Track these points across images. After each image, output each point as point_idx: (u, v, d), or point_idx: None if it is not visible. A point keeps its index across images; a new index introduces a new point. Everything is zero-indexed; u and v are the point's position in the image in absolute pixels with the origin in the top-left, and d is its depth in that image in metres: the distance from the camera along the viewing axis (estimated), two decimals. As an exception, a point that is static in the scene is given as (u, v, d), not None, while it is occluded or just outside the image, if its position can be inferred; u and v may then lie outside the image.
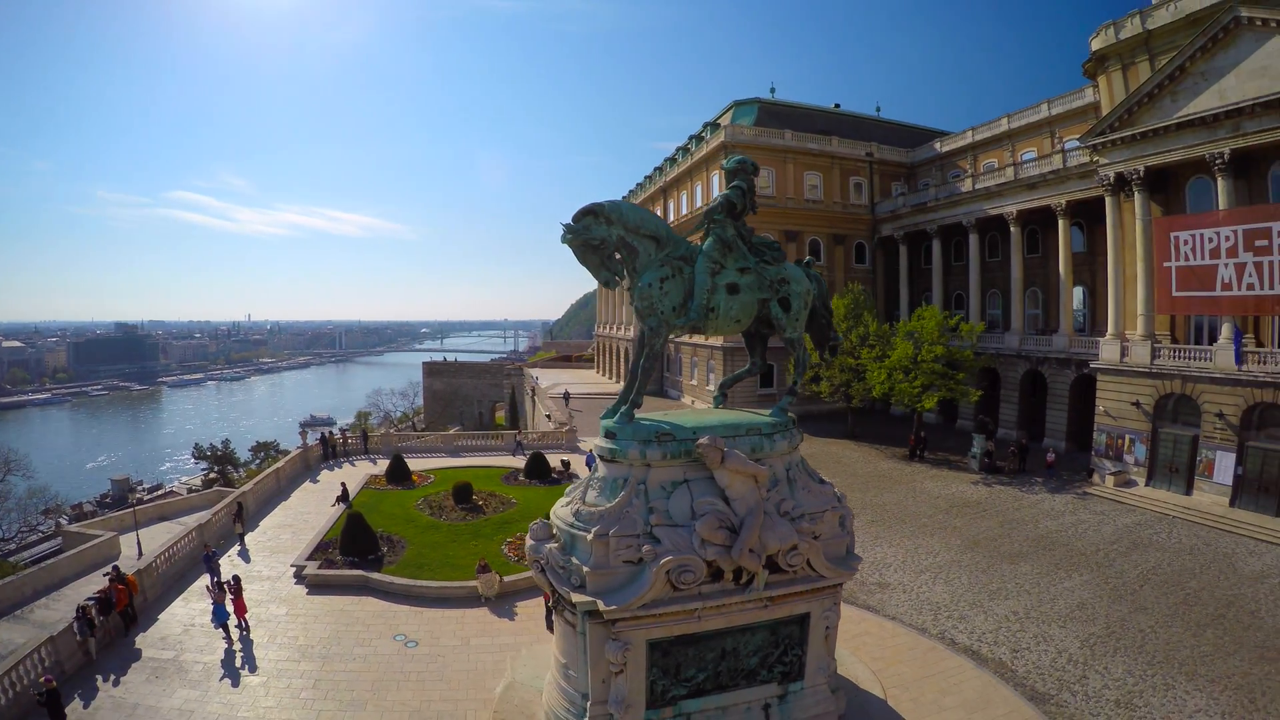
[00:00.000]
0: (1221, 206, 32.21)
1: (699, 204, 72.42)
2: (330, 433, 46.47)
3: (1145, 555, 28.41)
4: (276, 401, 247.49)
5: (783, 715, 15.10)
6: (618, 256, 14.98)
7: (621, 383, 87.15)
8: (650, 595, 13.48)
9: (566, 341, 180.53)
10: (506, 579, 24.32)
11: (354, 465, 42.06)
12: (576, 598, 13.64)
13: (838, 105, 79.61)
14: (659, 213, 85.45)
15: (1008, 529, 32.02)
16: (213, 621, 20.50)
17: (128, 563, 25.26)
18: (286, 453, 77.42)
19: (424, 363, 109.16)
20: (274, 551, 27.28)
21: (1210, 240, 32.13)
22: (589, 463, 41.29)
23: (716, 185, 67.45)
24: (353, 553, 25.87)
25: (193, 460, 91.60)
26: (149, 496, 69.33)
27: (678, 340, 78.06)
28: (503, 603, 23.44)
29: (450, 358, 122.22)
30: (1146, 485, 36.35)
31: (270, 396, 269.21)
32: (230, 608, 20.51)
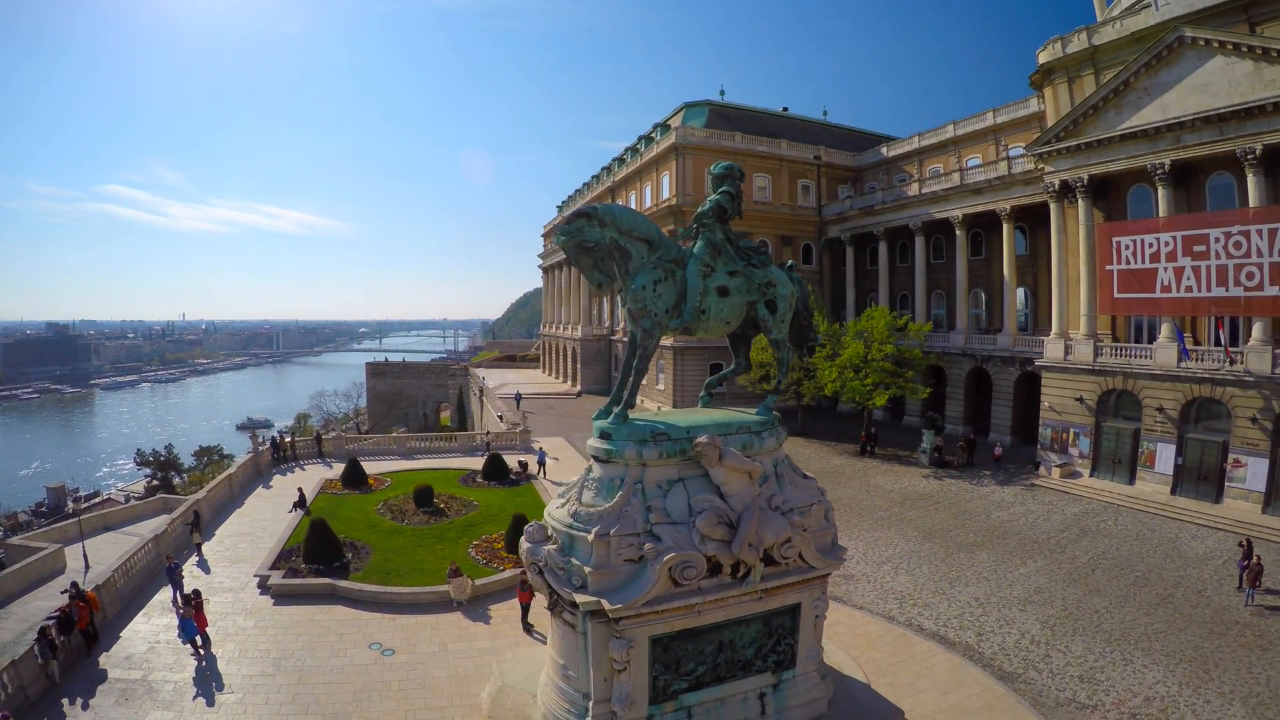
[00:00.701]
0: (1162, 214, 34.41)
1: (648, 203, 73.13)
2: (281, 436, 44.87)
3: (1094, 541, 30.14)
4: (213, 404, 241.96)
5: (777, 703, 15.50)
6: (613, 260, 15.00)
7: (568, 382, 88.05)
8: (654, 592, 13.67)
9: (509, 341, 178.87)
10: (478, 582, 24.12)
11: (304, 470, 40.86)
12: (580, 598, 13.64)
13: (785, 109, 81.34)
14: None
15: (962, 520, 33.38)
16: (180, 638, 19.59)
17: (75, 576, 24.00)
18: (231, 458, 74.54)
19: (367, 363, 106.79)
20: (234, 561, 26.23)
21: (1151, 245, 34.15)
22: (540, 460, 41.99)
23: (667, 185, 68.23)
24: (317, 560, 25.13)
25: (134, 465, 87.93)
26: (87, 505, 65.84)
27: (625, 339, 78.10)
28: (475, 606, 23.25)
29: (390, 358, 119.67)
30: (1091, 476, 38.45)
31: (206, 399, 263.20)
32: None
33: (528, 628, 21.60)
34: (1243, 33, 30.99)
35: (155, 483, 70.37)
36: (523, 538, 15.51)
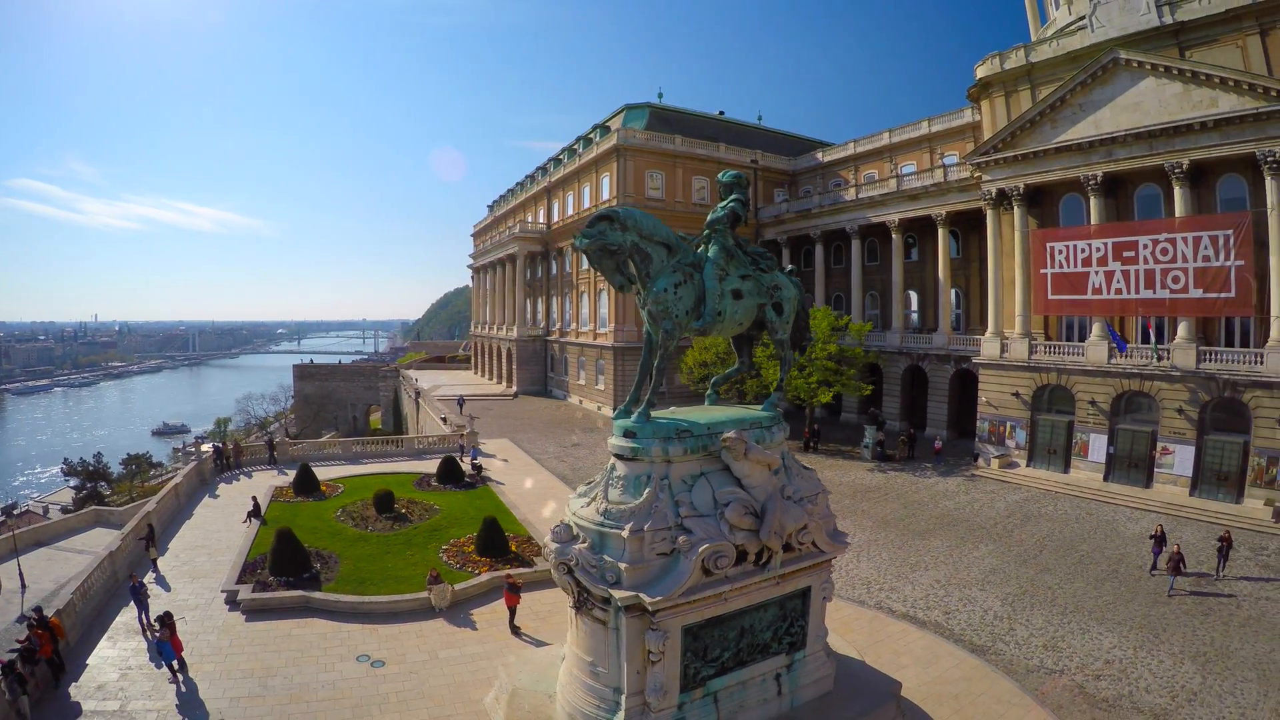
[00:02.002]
0: (1093, 222, 37.75)
1: (587, 204, 73.61)
2: (225, 442, 42.81)
3: (1038, 526, 32.86)
4: (129, 408, 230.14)
5: (791, 682, 16.34)
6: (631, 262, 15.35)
7: (503, 383, 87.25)
8: (689, 582, 14.18)
9: (434, 342, 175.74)
10: (456, 587, 24.01)
11: (250, 477, 39.18)
12: (618, 593, 13.98)
13: (722, 112, 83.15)
14: (543, 213, 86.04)
15: (911, 510, 35.55)
16: (154, 662, 18.53)
17: (10, 598, 22.25)
18: (161, 465, 70.35)
19: (295, 365, 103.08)
20: (194, 576, 24.94)
21: (1083, 251, 37.23)
22: (474, 457, 42.94)
23: (607, 186, 68.76)
24: (285, 572, 24.22)
25: (58, 474, 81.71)
26: (6, 518, 60.36)
27: (563, 340, 78.81)
28: (456, 612, 23.14)
29: (315, 359, 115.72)
30: (1028, 466, 41.65)
31: (122, 403, 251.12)
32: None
33: (515, 630, 21.66)
34: (1173, 56, 34.65)
35: (83, 493, 65.64)
36: (548, 538, 15.66)
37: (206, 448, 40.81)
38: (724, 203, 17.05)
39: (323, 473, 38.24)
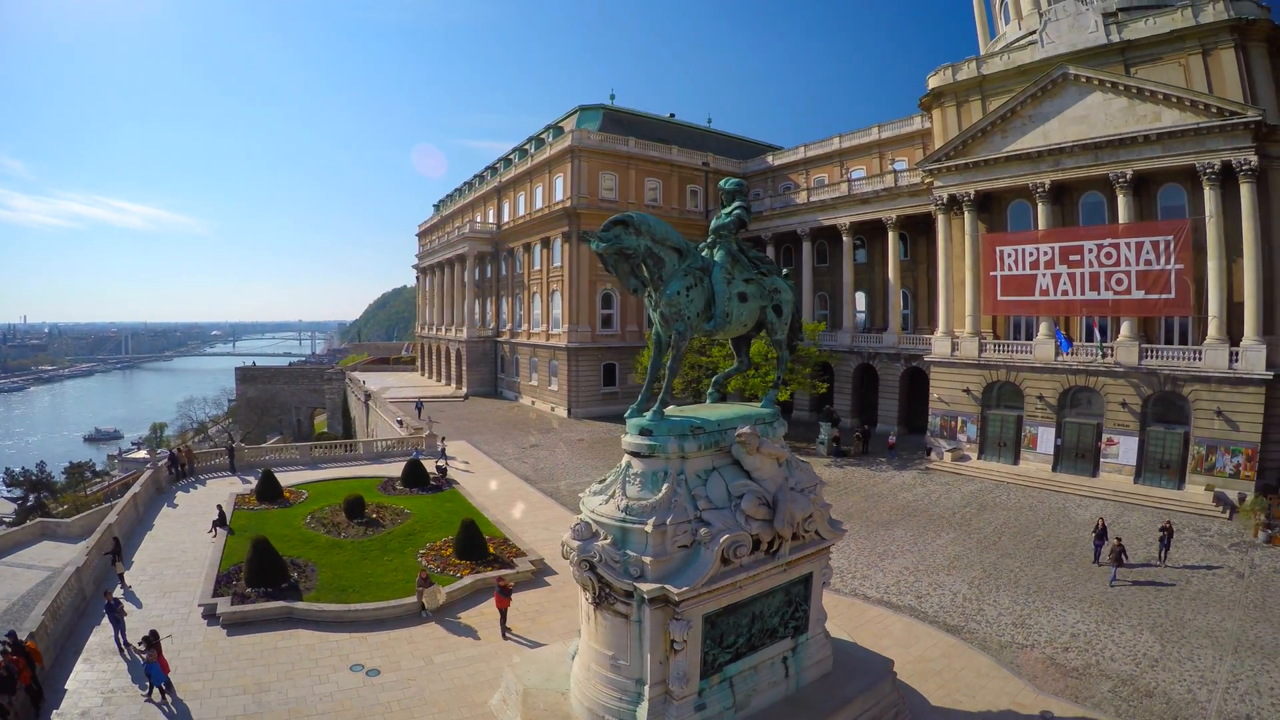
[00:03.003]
0: (1041, 227, 40.39)
1: (539, 205, 73.69)
2: (179, 449, 41.13)
3: (994, 514, 34.98)
4: (61, 414, 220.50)
5: (796, 664, 17.23)
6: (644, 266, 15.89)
7: (452, 385, 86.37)
8: (711, 572, 14.87)
9: (376, 344, 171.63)
10: (442, 590, 24.00)
11: (206, 485, 37.86)
12: (644, 586, 14.48)
13: (673, 115, 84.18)
14: (493, 213, 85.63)
15: (872, 502, 37.23)
16: (137, 683, 17.81)
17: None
18: (107, 474, 66.80)
19: (237, 368, 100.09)
20: (165, 591, 23.99)
21: (1031, 254, 39.72)
22: (442, 459, 43.12)
23: (560, 187, 68.99)
24: (263, 583, 23.60)
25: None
26: None
27: (514, 341, 78.57)
28: (444, 616, 23.13)
29: (254, 362, 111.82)
30: (979, 459, 44.17)
31: (54, 408, 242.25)
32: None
33: (506, 632, 21.76)
34: (1119, 73, 37.60)
35: (27, 504, 61.61)
36: (568, 536, 15.95)
37: (141, 453, 38.99)
38: (728, 209, 17.69)
39: (283, 478, 37.24)
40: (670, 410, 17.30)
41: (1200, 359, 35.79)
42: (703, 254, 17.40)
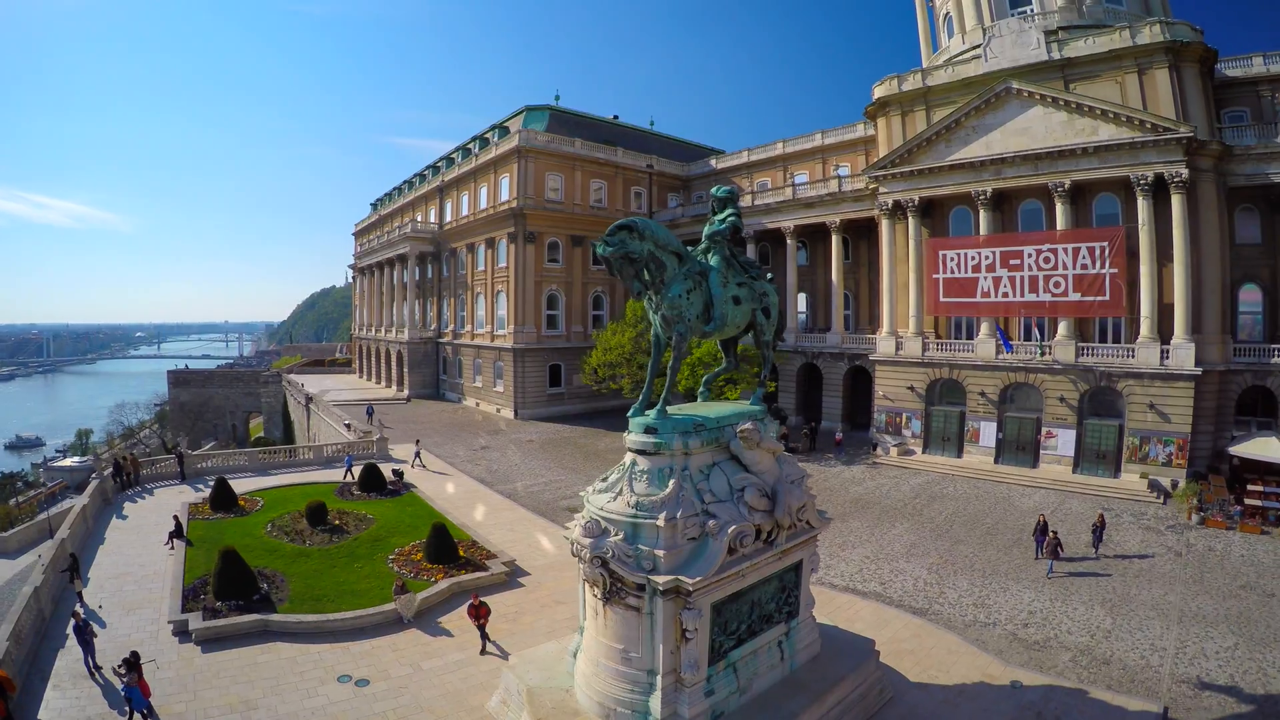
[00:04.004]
0: (982, 232, 42.90)
1: (484, 205, 73.29)
2: (125, 457, 39.01)
3: (944, 504, 37.05)
4: None
5: (790, 647, 18.14)
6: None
7: (393, 387, 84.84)
8: (720, 562, 15.53)
9: (309, 345, 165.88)
10: (420, 596, 23.88)
11: (154, 494, 36.22)
12: (659, 579, 15.02)
13: (616, 117, 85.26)
14: (434, 212, 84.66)
15: (825, 496, 38.51)
16: (115, 709, 17.07)
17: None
18: (39, 484, 62.30)
19: (169, 371, 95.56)
20: (129, 608, 22.85)
21: (973, 258, 42.05)
22: (417, 460, 43.95)
23: (507, 187, 68.77)
24: (233, 596, 22.86)
25: None
26: None
27: (457, 342, 77.64)
28: (424, 621, 23.06)
29: (186, 364, 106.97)
30: (924, 453, 46.47)
31: None
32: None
33: (486, 645, 21.34)
34: (1059, 88, 40.37)
35: None
36: (579, 534, 16.19)
37: (69, 460, 36.93)
38: (721, 216, 18.40)
39: (235, 485, 36.03)
40: (680, 408, 17.89)
41: (1133, 356, 38.79)
42: (699, 259, 18.03)
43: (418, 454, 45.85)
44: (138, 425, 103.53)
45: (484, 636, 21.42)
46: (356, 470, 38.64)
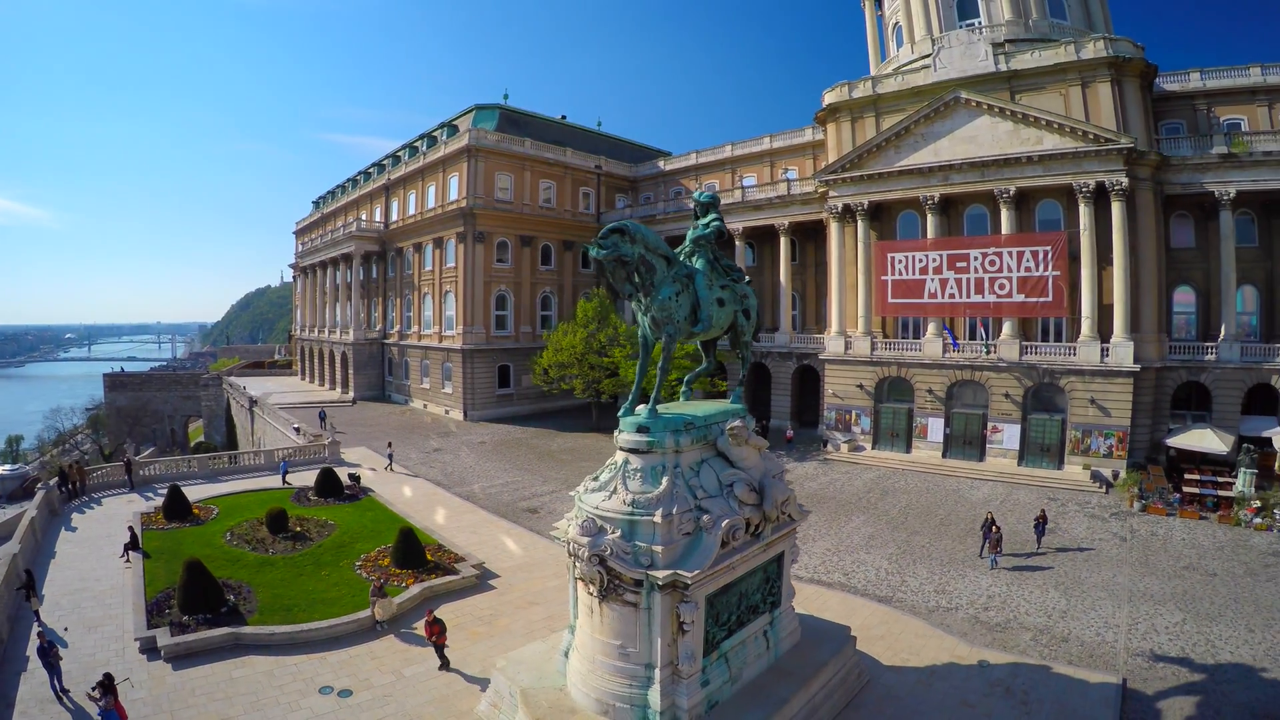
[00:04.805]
0: (930, 236, 44.66)
1: (432, 204, 72.34)
2: (70, 466, 36.85)
3: (897, 498, 38.51)
4: None
5: (774, 635, 18.76)
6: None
7: (337, 389, 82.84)
8: (714, 555, 15.97)
9: (246, 346, 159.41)
10: (395, 600, 23.55)
11: (102, 504, 34.49)
12: (658, 574, 15.35)
13: (564, 117, 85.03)
14: (380, 211, 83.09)
15: (782, 492, 39.24)
16: None
17: None
18: None
19: (105, 374, 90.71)
20: (90, 626, 21.66)
21: (920, 261, 43.74)
22: (390, 462, 44.11)
23: (456, 187, 68.02)
24: (200, 609, 22.00)
25: None
26: None
27: (403, 343, 76.21)
28: (398, 627, 22.70)
29: (122, 368, 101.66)
30: (874, 449, 48.13)
31: None
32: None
33: (446, 661, 20.44)
34: (1006, 99, 42.51)
35: None
36: (576, 533, 16.27)
37: (3, 468, 34.85)
38: (705, 220, 18.90)
39: (187, 493, 34.69)
40: (668, 407, 18.20)
41: (1075, 354, 41.21)
42: (685, 262, 18.39)
43: (390, 456, 45.29)
44: (70, 431, 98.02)
45: (440, 653, 20.57)
46: (310, 476, 37.69)
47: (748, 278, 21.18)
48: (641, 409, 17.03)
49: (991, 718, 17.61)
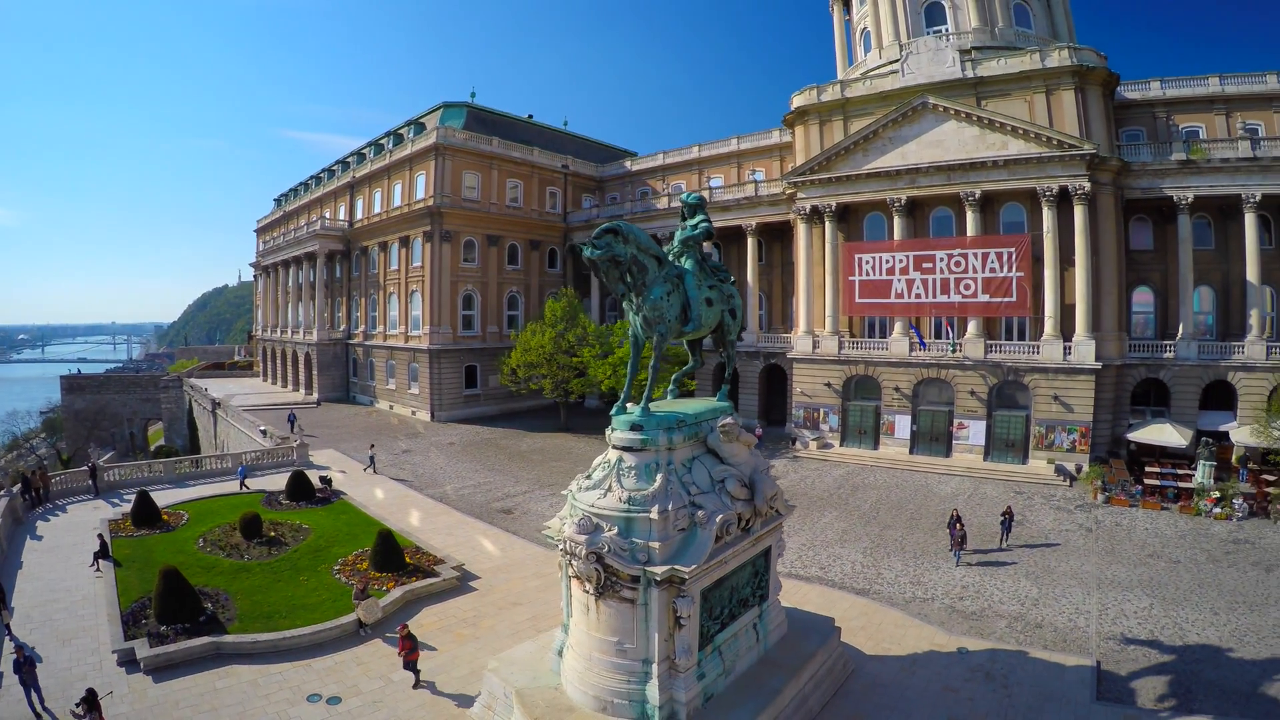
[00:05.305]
0: (896, 237, 45.76)
1: (398, 202, 71.41)
2: (35, 471, 35.41)
3: (867, 493, 39.33)
4: None
5: (763, 628, 19.15)
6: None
7: (300, 390, 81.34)
8: (709, 550, 16.22)
9: (205, 348, 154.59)
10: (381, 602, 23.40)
11: (68, 511, 33.37)
12: (656, 569, 15.55)
13: (531, 116, 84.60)
14: (344, 209, 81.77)
15: (752, 489, 39.80)
16: None
17: None
18: None
19: (62, 376, 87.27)
20: (64, 639, 20.88)
21: (887, 262, 44.77)
22: (371, 464, 43.72)
23: (423, 185, 67.37)
24: (178, 619, 21.41)
25: None
26: None
27: (368, 344, 75.06)
28: (383, 631, 22.41)
29: (78, 369, 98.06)
30: (842, 446, 49.06)
31: None
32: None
33: (417, 676, 19.72)
34: (972, 105, 43.79)
35: None
36: (573, 531, 16.32)
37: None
38: (693, 222, 19.17)
39: (155, 499, 33.72)
40: (659, 405, 18.40)
41: (1038, 353, 42.63)
42: (674, 263, 18.60)
43: (372, 458, 44.66)
44: (25, 435, 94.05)
45: (412, 669, 19.86)
46: (276, 480, 36.97)
47: (733, 278, 21.49)
48: (633, 407, 17.23)
49: (974, 702, 18.23)
